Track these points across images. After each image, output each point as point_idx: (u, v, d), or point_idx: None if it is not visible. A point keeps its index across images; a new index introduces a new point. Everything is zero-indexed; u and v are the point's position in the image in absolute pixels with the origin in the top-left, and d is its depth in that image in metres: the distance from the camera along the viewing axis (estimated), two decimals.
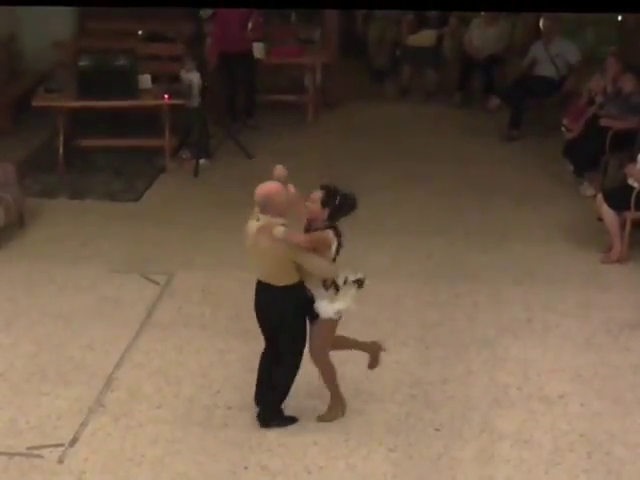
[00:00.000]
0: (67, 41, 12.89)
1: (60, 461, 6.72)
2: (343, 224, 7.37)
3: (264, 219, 6.56)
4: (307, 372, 7.32)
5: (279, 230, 6.47)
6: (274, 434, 6.94)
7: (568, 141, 11.19)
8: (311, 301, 6.75)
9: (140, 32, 13.07)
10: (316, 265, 6.65)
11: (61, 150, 11.47)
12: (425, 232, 9.97)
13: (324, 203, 6.64)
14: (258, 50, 12.68)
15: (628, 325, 8.33)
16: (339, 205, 6.66)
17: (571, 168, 11.13)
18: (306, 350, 6.93)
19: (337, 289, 6.74)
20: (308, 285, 6.73)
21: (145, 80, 11.49)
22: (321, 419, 7.12)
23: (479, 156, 12.01)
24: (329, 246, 6.63)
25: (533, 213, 10.44)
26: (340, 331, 8.22)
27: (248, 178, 10.81)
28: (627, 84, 10.76)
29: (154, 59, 12.77)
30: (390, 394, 7.41)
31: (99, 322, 8.38)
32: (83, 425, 7.07)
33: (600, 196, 9.54)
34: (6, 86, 12.92)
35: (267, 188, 6.58)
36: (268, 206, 6.55)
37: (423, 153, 12.08)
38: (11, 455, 6.77)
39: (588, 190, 10.76)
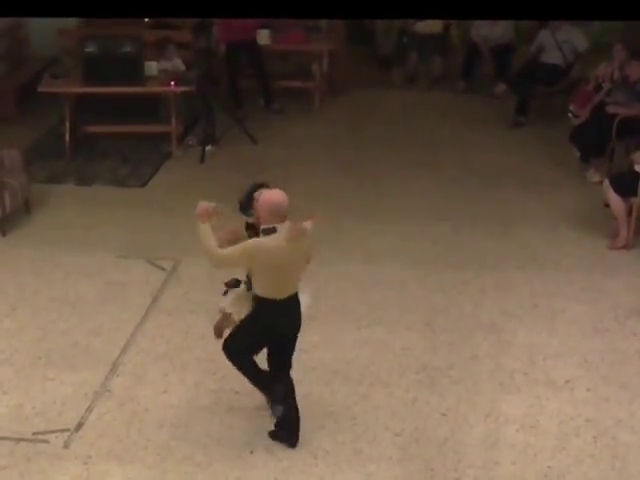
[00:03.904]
0: (72, 27, 12.85)
1: (66, 446, 6.73)
2: (347, 210, 7.18)
3: (286, 225, 6.30)
4: (311, 359, 7.38)
5: (308, 224, 6.44)
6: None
7: (575, 127, 11.17)
8: None
9: (146, 19, 13.03)
10: None
11: (67, 136, 11.46)
12: (431, 218, 9.95)
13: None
14: (263, 37, 12.72)
15: (635, 311, 8.31)
16: None
17: (577, 154, 11.11)
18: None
19: None
20: None
21: (151, 67, 11.48)
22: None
23: (485, 143, 11.98)
24: None
25: (539, 199, 10.41)
26: (346, 316, 8.27)
27: (254, 164, 10.92)
28: (634, 71, 10.73)
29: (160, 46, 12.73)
30: (396, 379, 7.40)
31: (105, 307, 8.38)
32: (89, 410, 7.08)
33: (606, 182, 9.51)
34: (12, 72, 12.94)
35: (282, 195, 6.29)
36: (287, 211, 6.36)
37: (429, 140, 12.06)
38: (17, 440, 6.77)
39: (594, 176, 10.74)
